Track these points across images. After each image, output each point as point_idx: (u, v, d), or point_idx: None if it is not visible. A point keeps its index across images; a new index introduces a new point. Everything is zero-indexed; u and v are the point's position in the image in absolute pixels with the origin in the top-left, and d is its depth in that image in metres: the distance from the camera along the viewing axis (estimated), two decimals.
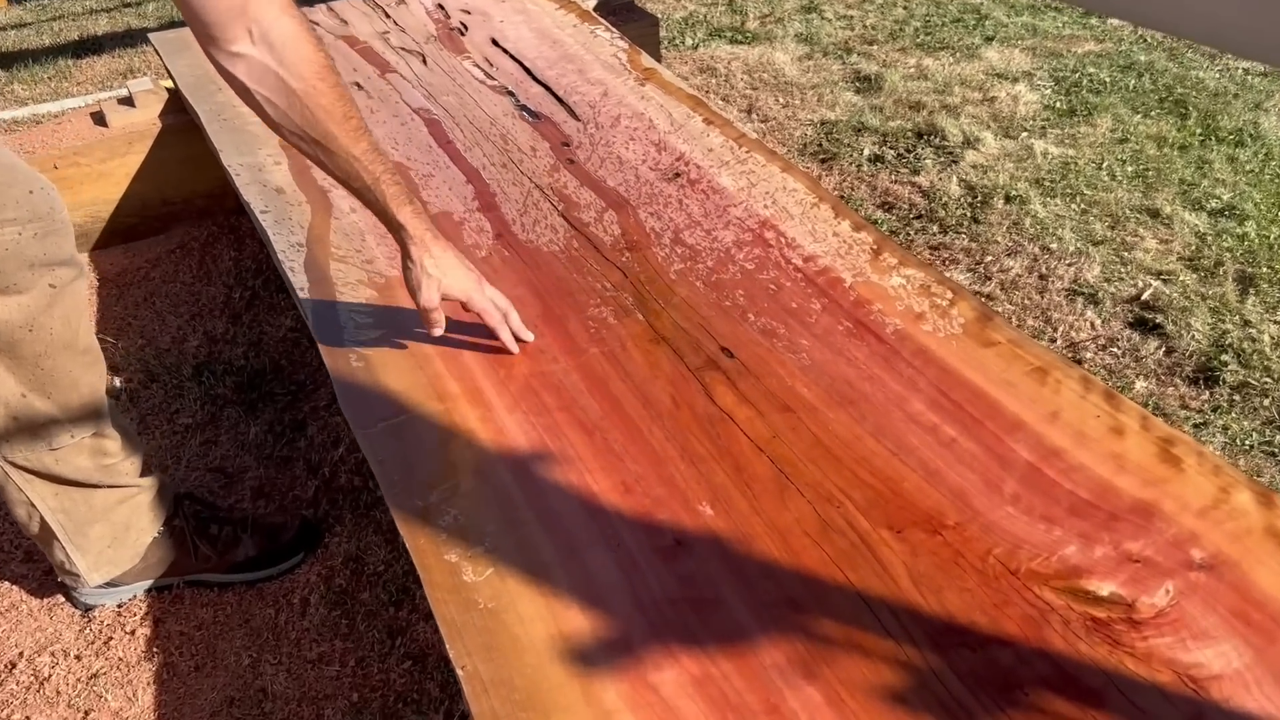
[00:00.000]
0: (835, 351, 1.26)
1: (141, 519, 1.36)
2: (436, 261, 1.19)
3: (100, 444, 1.29)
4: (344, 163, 1.14)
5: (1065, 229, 2.05)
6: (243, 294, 2.06)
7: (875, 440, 1.12)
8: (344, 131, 1.12)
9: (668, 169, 1.69)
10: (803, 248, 1.46)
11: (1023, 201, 2.15)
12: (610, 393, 1.22)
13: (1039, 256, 1.99)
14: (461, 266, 1.22)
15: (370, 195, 1.18)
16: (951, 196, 2.20)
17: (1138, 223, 2.07)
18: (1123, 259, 1.97)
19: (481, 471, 1.11)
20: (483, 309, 1.24)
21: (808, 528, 1.02)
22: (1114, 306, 1.85)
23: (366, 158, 1.15)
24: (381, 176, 1.17)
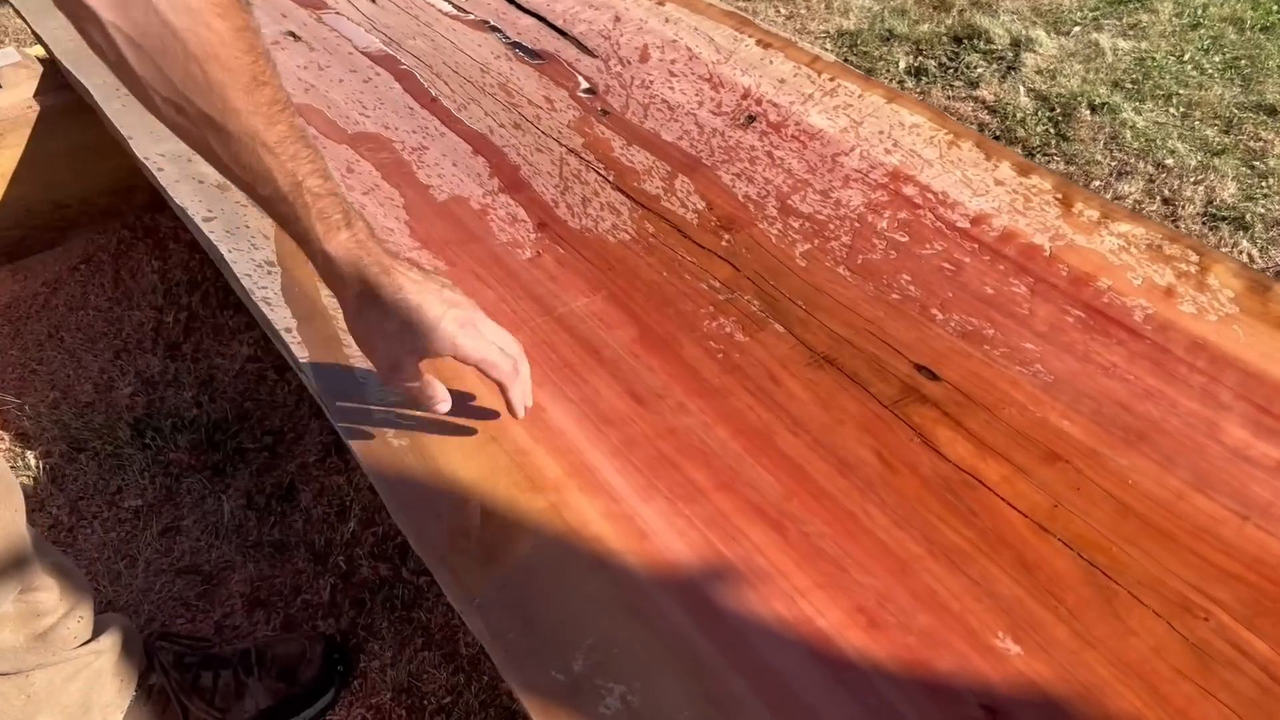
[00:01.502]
0: (1080, 357, 0.90)
1: (104, 692, 0.95)
2: (390, 310, 0.76)
3: (29, 604, 0.87)
4: (247, 154, 0.69)
5: (1173, 139, 1.71)
6: (177, 316, 1.61)
7: (1205, 495, 0.77)
8: (250, 104, 0.67)
9: (736, 111, 1.29)
10: (963, 205, 1.08)
11: (1112, 110, 1.80)
12: (782, 453, 0.84)
13: (1155, 176, 1.65)
14: (436, 304, 0.77)
15: (285, 208, 0.73)
16: (1025, 110, 1.84)
17: (1255, 124, 1.74)
18: (1257, 170, 1.63)
19: (639, 611, 0.73)
20: (483, 359, 0.79)
21: (1175, 660, 0.67)
22: (1268, 231, 1.52)
23: (284, 150, 0.70)
24: (306, 182, 0.72)
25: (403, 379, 0.80)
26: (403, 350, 0.78)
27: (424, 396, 0.82)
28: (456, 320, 0.78)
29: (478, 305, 0.81)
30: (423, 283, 0.78)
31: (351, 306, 0.78)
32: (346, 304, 0.78)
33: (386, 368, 0.79)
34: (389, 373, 0.80)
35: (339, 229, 0.75)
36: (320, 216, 0.74)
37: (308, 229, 0.74)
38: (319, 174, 0.73)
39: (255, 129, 0.68)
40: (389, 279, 0.76)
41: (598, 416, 0.89)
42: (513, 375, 0.81)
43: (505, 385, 0.81)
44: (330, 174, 0.75)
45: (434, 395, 0.82)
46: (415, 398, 0.82)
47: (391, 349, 0.78)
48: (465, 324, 0.78)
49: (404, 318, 0.76)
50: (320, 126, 1.35)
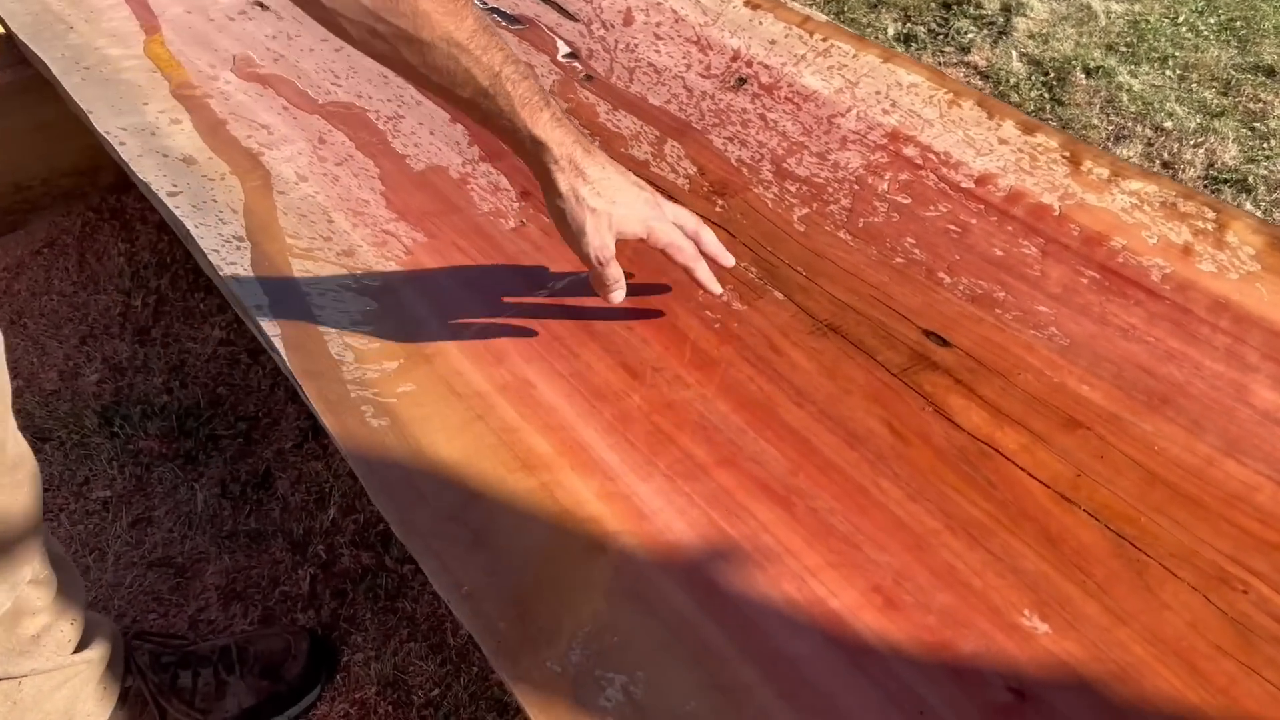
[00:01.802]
0: (1097, 320, 0.85)
1: (87, 701, 0.89)
2: (598, 187, 0.78)
3: (24, 603, 0.81)
4: (443, 59, 0.72)
5: (1171, 101, 1.67)
6: (146, 299, 1.55)
7: (1236, 461, 0.73)
8: (438, 6, 0.71)
9: (726, 74, 1.24)
10: (967, 165, 1.03)
11: (1107, 74, 1.76)
12: (786, 425, 0.79)
13: (1154, 139, 1.61)
14: (631, 186, 0.80)
15: (488, 103, 0.75)
16: (1019, 75, 1.80)
17: (1254, 85, 1.70)
18: (1257, 131, 1.59)
19: (639, 596, 0.68)
20: (670, 243, 0.81)
21: (1214, 635, 0.63)
22: (1271, 193, 1.48)
23: (476, 43, 0.73)
24: (503, 71, 0.74)
25: (606, 260, 0.79)
26: (608, 230, 0.78)
27: (614, 281, 0.81)
28: (648, 204, 0.80)
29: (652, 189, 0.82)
30: (617, 165, 0.80)
31: (562, 187, 0.77)
32: (556, 184, 0.78)
33: (595, 248, 0.79)
34: (598, 252, 0.79)
35: (540, 110, 0.76)
36: (523, 102, 0.75)
37: (513, 119, 0.75)
38: (512, 60, 0.75)
39: (448, 30, 0.71)
40: (592, 159, 0.78)
41: (590, 391, 0.84)
42: (696, 256, 0.82)
43: (691, 269, 0.82)
44: (518, 58, 0.77)
45: (621, 280, 0.82)
46: (604, 280, 0.81)
47: (599, 230, 0.78)
48: (655, 206, 0.80)
49: (610, 197, 0.78)
50: (291, 97, 1.29)
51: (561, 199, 0.78)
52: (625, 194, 0.79)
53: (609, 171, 0.78)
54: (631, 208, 0.79)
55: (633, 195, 0.79)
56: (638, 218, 0.79)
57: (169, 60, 1.41)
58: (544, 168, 0.78)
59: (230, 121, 1.25)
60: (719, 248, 0.84)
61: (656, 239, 0.80)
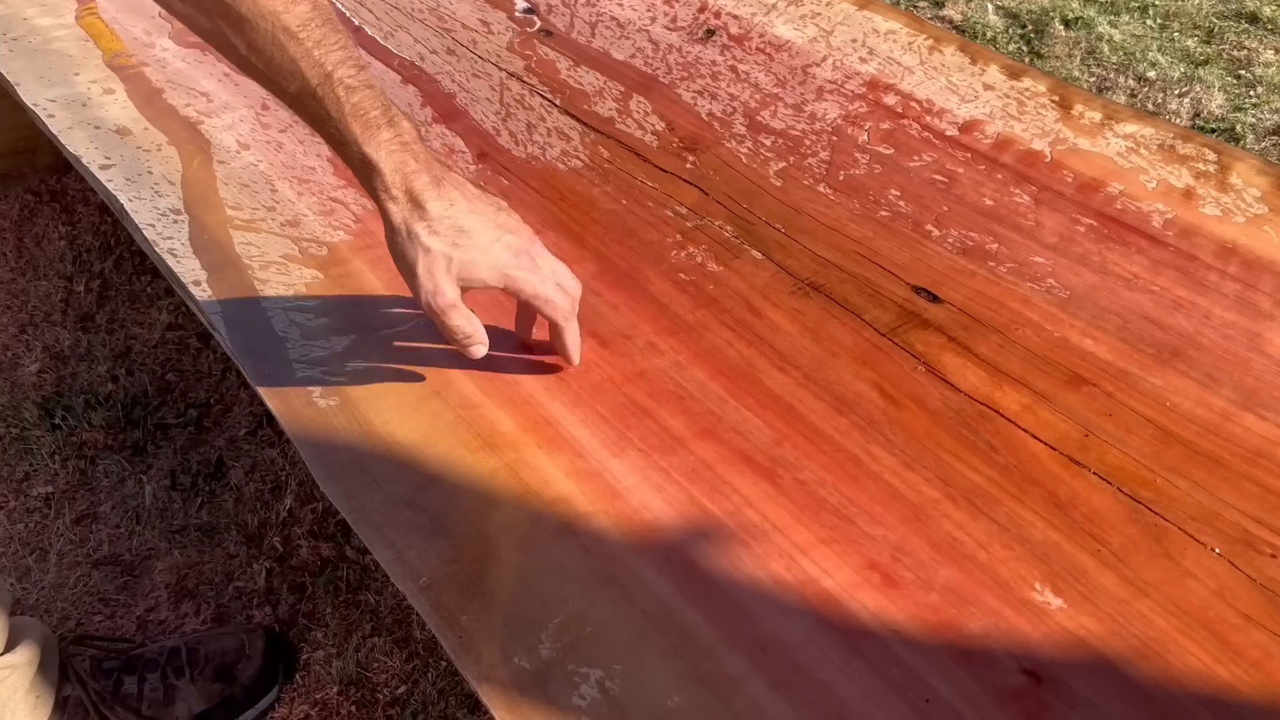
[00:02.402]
0: (1097, 270, 0.79)
1: (16, 711, 0.82)
2: (438, 225, 0.67)
3: None
4: (266, 43, 0.62)
5: (1153, 51, 1.62)
6: (89, 284, 1.47)
7: (1255, 414, 0.67)
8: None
9: (693, 26, 1.17)
10: (951, 112, 0.97)
11: (1086, 24, 1.70)
12: (769, 392, 0.73)
13: (1137, 90, 1.56)
14: (491, 228, 0.69)
15: (316, 106, 0.65)
16: (995, 29, 1.74)
17: (1238, 32, 1.65)
18: (1243, 79, 1.54)
19: (614, 581, 0.62)
20: (536, 294, 0.70)
21: (1242, 604, 0.58)
22: (1260, 141, 1.43)
23: (309, 35, 0.62)
24: (336, 73, 0.64)
25: (443, 309, 0.68)
26: (448, 277, 0.68)
27: (461, 334, 0.70)
28: (510, 248, 0.69)
29: (533, 233, 0.71)
30: (476, 201, 0.68)
31: (395, 220, 0.67)
32: (389, 216, 0.67)
33: (428, 293, 0.68)
34: (431, 298, 0.68)
35: (379, 128, 0.65)
36: (356, 114, 0.65)
37: (343, 129, 0.65)
38: (351, 63, 0.64)
39: (273, 10, 0.61)
40: (438, 192, 0.67)
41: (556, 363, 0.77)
42: (569, 315, 0.72)
43: (560, 327, 0.72)
44: (364, 64, 0.66)
45: (472, 334, 0.70)
46: (452, 333, 0.70)
47: (434, 271, 0.67)
48: (520, 253, 0.69)
49: (451, 239, 0.67)
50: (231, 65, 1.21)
51: (394, 233, 0.67)
52: (477, 236, 0.67)
53: (458, 209, 0.67)
54: (482, 252, 0.67)
55: (488, 238, 0.68)
56: (489, 264, 0.68)
57: (103, 30, 1.32)
58: (375, 195, 0.67)
59: (167, 90, 1.17)
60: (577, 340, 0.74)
61: (519, 289, 0.69)
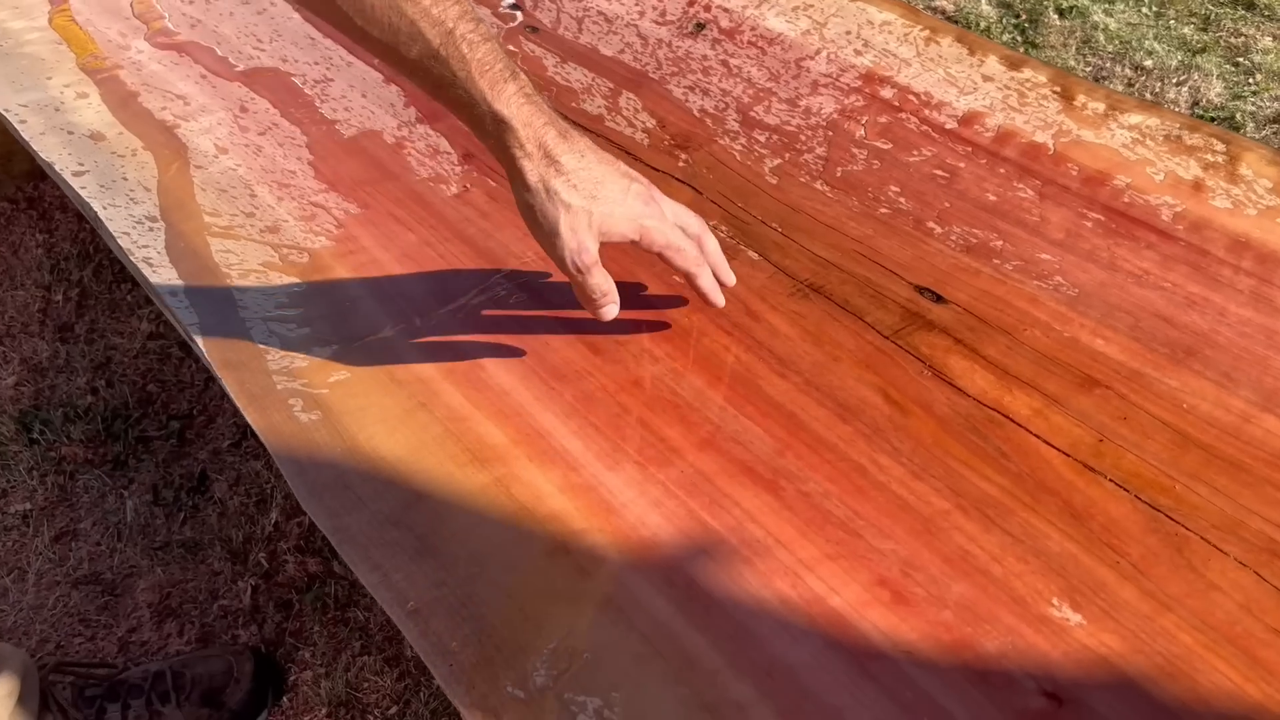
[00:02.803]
0: (1106, 266, 0.77)
1: None
2: (574, 178, 0.64)
3: None
4: (383, 8, 0.60)
5: (1150, 39, 1.59)
6: (68, 293, 1.43)
7: (1277, 416, 0.65)
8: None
9: (683, 20, 1.14)
10: (950, 105, 0.95)
11: (1081, 13, 1.68)
12: (769, 399, 0.70)
13: (1134, 79, 1.53)
14: (619, 177, 0.66)
15: (439, 68, 0.62)
16: (989, 19, 1.71)
17: (1234, 19, 1.62)
18: (1241, 67, 1.52)
19: (611, 603, 0.59)
20: (668, 244, 0.68)
21: (1271, 617, 0.55)
22: (1260, 130, 1.41)
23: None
24: (458, 28, 0.61)
25: (588, 267, 0.66)
26: (589, 232, 0.65)
27: (599, 292, 0.67)
28: (641, 197, 0.67)
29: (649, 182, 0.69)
30: (601, 152, 0.66)
31: (531, 179, 0.64)
32: (524, 174, 0.65)
33: (573, 252, 0.65)
34: (576, 256, 0.65)
35: (505, 81, 0.63)
36: (482, 70, 0.62)
37: (469, 88, 0.62)
38: (469, 17, 0.62)
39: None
40: (569, 145, 0.64)
41: (547, 371, 0.74)
42: (700, 261, 0.69)
43: (693, 275, 0.69)
44: (480, 16, 0.63)
45: (609, 291, 0.68)
46: (589, 292, 0.67)
47: (575, 230, 0.65)
48: (649, 201, 0.67)
49: (590, 191, 0.64)
50: (209, 65, 1.18)
51: (530, 193, 0.65)
52: (610, 187, 0.65)
53: (589, 160, 0.65)
54: (618, 204, 0.65)
55: (620, 189, 0.66)
56: (626, 215, 0.65)
57: (76, 32, 1.29)
58: (508, 153, 0.64)
59: (142, 93, 1.14)
60: (722, 258, 0.72)
61: (652, 240, 0.67)
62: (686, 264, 0.69)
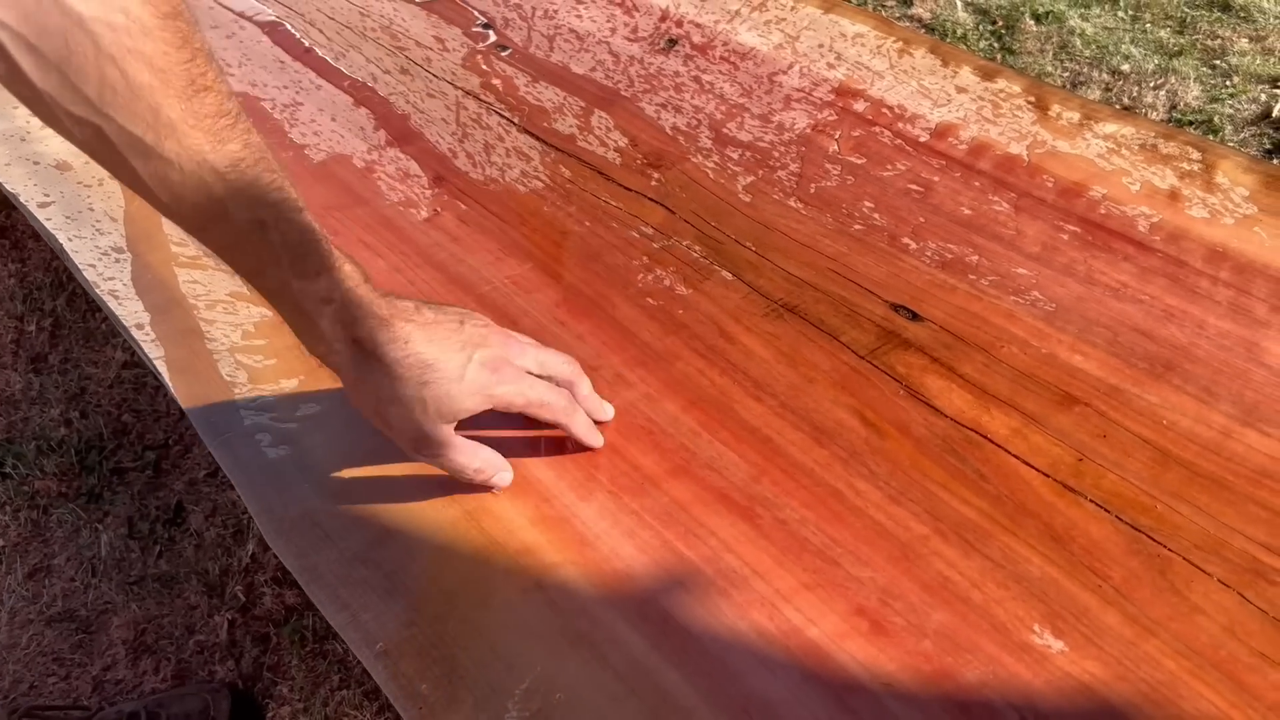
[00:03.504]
0: (1083, 280, 0.76)
1: None
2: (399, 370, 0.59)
3: None
4: (191, 187, 0.51)
5: (1126, 43, 1.59)
6: (41, 323, 1.42)
7: (1257, 430, 0.64)
8: (189, 115, 0.49)
9: (655, 36, 1.13)
10: (924, 117, 0.94)
11: (1057, 18, 1.67)
12: (744, 424, 0.69)
13: (1112, 84, 1.53)
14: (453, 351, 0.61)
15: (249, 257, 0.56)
16: (965, 26, 1.71)
17: (1211, 21, 1.62)
18: (1218, 69, 1.51)
19: (585, 639, 0.58)
20: (529, 403, 0.64)
21: (1255, 641, 0.54)
22: (1239, 132, 1.40)
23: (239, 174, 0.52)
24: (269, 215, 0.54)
25: (437, 453, 0.62)
26: (427, 420, 0.60)
27: (471, 470, 0.64)
28: (485, 364, 0.62)
29: (507, 333, 0.65)
30: (434, 325, 0.61)
31: (349, 375, 0.61)
32: (342, 372, 0.61)
33: (412, 447, 0.62)
34: (417, 449, 0.62)
35: (319, 275, 0.57)
36: (295, 262, 0.56)
37: (280, 282, 0.57)
38: (288, 204, 0.55)
39: (199, 149, 0.50)
40: (389, 333, 0.59)
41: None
42: (572, 409, 0.66)
43: (564, 426, 0.66)
44: (303, 206, 0.56)
45: (483, 466, 0.64)
46: (460, 474, 0.64)
47: (413, 420, 0.60)
48: (498, 365, 0.62)
49: (419, 378, 0.60)
50: None
51: (354, 391, 0.62)
52: (443, 367, 0.60)
53: (413, 346, 0.59)
54: (455, 382, 0.60)
55: (456, 364, 0.61)
56: (469, 391, 0.61)
57: None
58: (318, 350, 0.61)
59: None
60: (597, 400, 0.69)
61: (509, 404, 0.63)
62: (555, 417, 0.65)
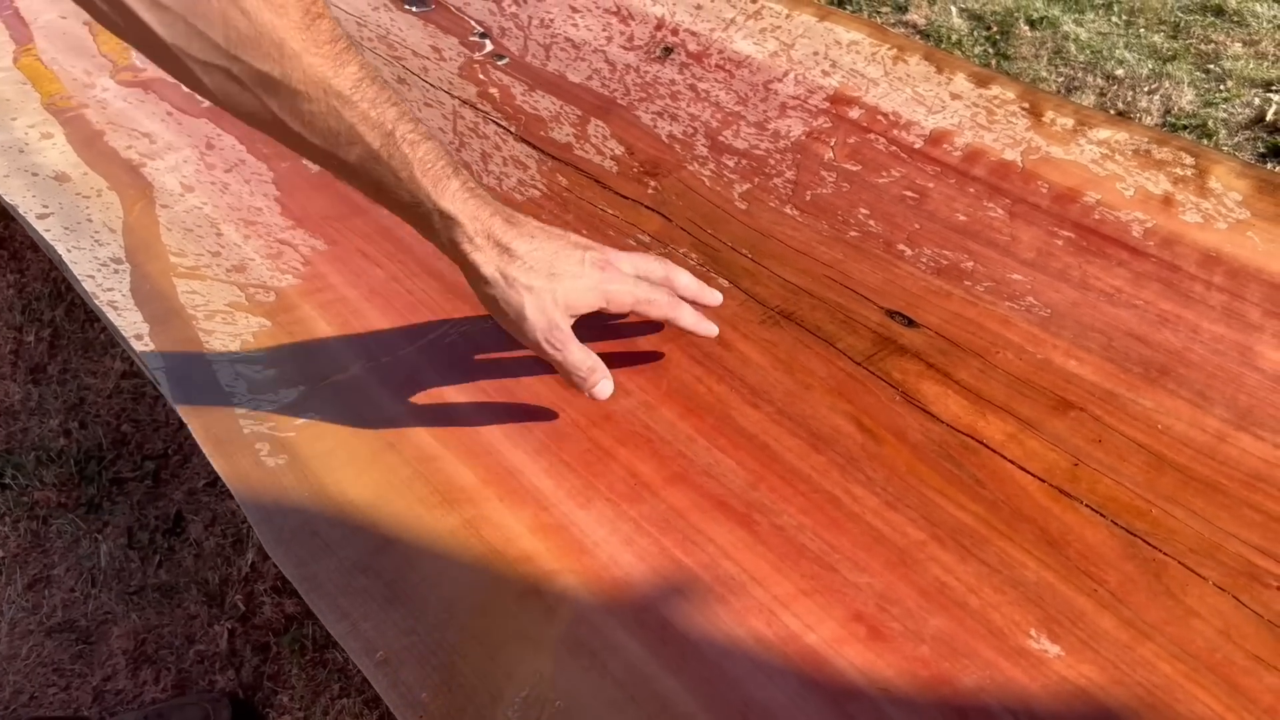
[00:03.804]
0: (1077, 285, 0.76)
1: None
2: (530, 260, 0.64)
3: None
4: (320, 112, 0.56)
5: (1120, 48, 1.60)
6: (40, 334, 1.42)
7: (1251, 434, 0.64)
8: (310, 44, 0.55)
9: (650, 44, 1.13)
10: (918, 124, 0.94)
11: (1051, 24, 1.68)
12: (741, 431, 0.69)
13: (1106, 89, 1.53)
14: (571, 249, 0.66)
15: (380, 170, 0.60)
16: (960, 32, 1.71)
17: (1204, 25, 1.63)
18: (1212, 73, 1.52)
19: (584, 647, 0.58)
20: (637, 300, 0.67)
21: (1250, 644, 0.54)
22: (1233, 136, 1.41)
23: (362, 95, 0.57)
24: (398, 129, 0.59)
25: (563, 344, 0.65)
26: (557, 310, 0.64)
27: (584, 368, 0.66)
28: (597, 264, 0.66)
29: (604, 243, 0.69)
30: (549, 229, 0.66)
31: (487, 270, 0.63)
32: (478, 268, 0.64)
33: (543, 332, 0.64)
34: (548, 335, 0.64)
35: (448, 178, 0.62)
36: (424, 169, 0.61)
37: (413, 188, 0.61)
38: (408, 117, 0.60)
39: (323, 75, 0.55)
40: (517, 230, 0.64)
41: (517, 407, 0.73)
42: (674, 304, 0.69)
43: (672, 320, 0.69)
44: (417, 116, 0.61)
45: (596, 367, 0.66)
46: (572, 371, 0.66)
47: (544, 310, 0.64)
48: (606, 266, 0.66)
49: (547, 270, 0.64)
50: (176, 101, 1.17)
51: (489, 284, 0.64)
52: (565, 262, 0.64)
53: (539, 241, 0.64)
54: (577, 277, 0.65)
55: (575, 261, 0.65)
56: (587, 286, 0.65)
57: (42, 71, 1.28)
58: (459, 249, 0.63)
59: (108, 132, 1.13)
60: (698, 286, 0.71)
61: (621, 303, 0.66)
62: (662, 312, 0.68)
